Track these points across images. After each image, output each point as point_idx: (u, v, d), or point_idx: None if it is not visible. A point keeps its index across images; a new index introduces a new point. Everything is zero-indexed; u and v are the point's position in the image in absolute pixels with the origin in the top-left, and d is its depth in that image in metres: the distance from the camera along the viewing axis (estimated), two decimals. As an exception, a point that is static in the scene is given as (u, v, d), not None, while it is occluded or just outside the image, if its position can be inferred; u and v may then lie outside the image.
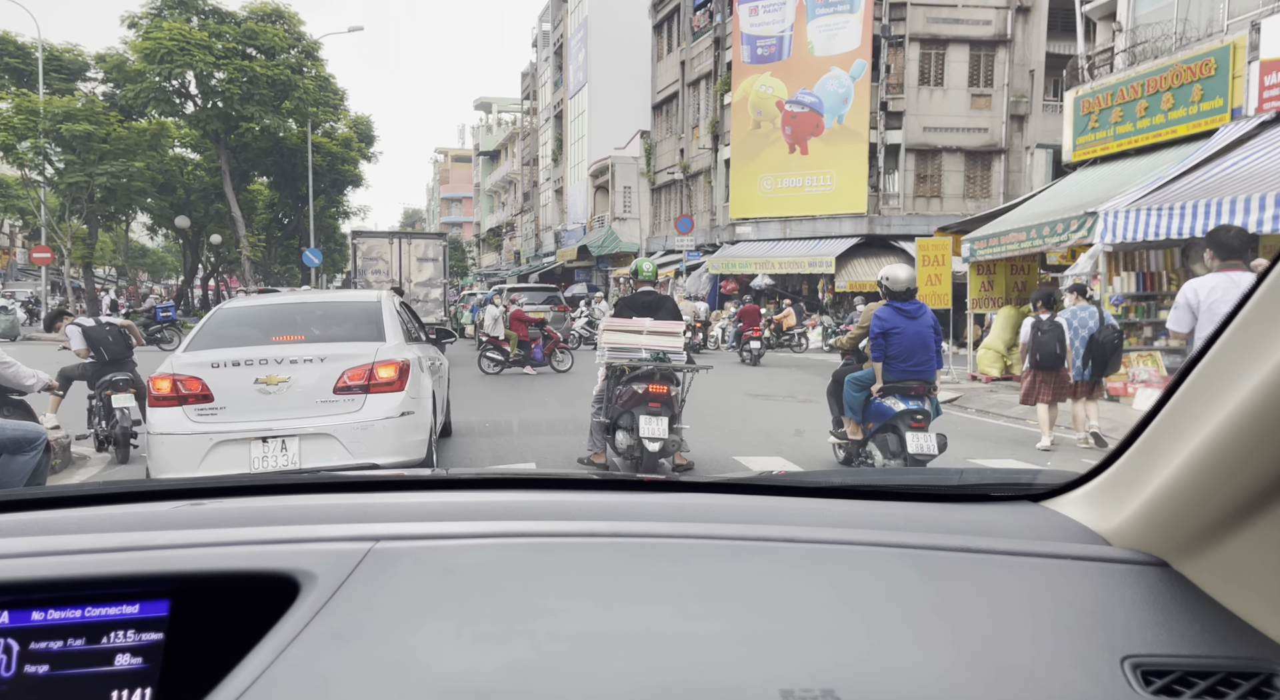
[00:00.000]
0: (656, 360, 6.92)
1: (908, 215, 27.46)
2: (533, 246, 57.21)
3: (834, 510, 1.27)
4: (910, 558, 1.08)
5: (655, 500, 1.31)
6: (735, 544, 1.10)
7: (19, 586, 0.99)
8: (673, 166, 34.41)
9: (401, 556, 1.05)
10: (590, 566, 1.05)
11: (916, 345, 6.35)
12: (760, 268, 27.73)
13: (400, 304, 8.47)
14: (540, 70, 57.60)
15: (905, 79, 27.01)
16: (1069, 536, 1.15)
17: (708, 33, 31.79)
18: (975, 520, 1.23)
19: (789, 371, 18.36)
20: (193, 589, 1.02)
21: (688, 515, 1.22)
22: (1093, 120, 13.23)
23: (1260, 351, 0.88)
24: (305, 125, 31.12)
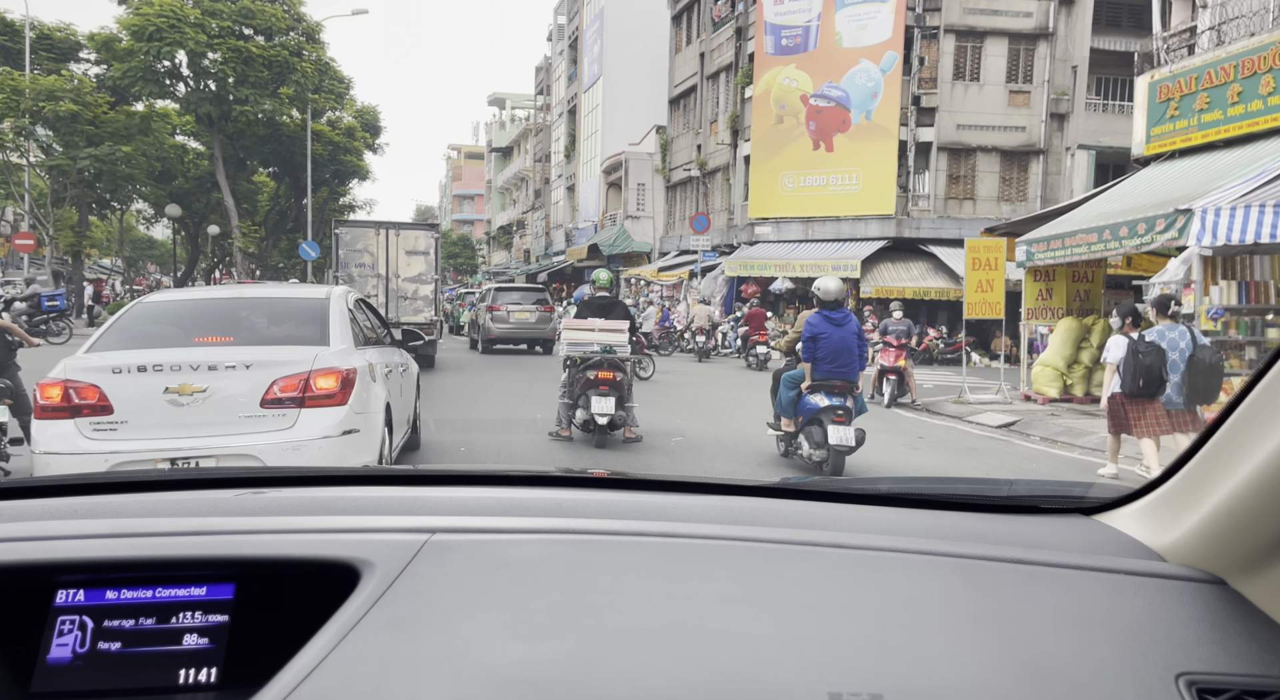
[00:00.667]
0: (605, 352, 8.50)
1: (938, 218, 25.85)
2: (543, 245, 55.82)
3: (880, 518, 1.28)
4: (959, 567, 1.07)
5: (701, 502, 1.33)
6: (781, 548, 1.11)
7: (96, 566, 1.04)
8: (689, 163, 32.88)
9: (456, 549, 1.08)
10: (638, 565, 1.06)
11: (841, 349, 7.13)
12: (780, 270, 26.17)
13: (358, 301, 7.11)
14: (555, 64, 56.22)
15: (939, 73, 25.40)
16: (1122, 551, 1.13)
17: (729, 23, 30.26)
18: (1025, 532, 1.22)
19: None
20: (257, 574, 1.06)
21: (733, 518, 1.24)
22: (1172, 108, 11.65)
23: None
24: (305, 111, 29.73)
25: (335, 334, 5.97)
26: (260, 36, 25.73)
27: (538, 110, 61.78)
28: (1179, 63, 11.80)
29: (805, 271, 25.79)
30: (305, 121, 29.66)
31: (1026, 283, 12.55)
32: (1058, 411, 11.37)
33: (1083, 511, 1.29)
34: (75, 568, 1.04)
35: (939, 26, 25.23)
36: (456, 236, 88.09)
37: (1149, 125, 12.36)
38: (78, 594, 1.03)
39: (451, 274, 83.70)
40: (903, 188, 25.93)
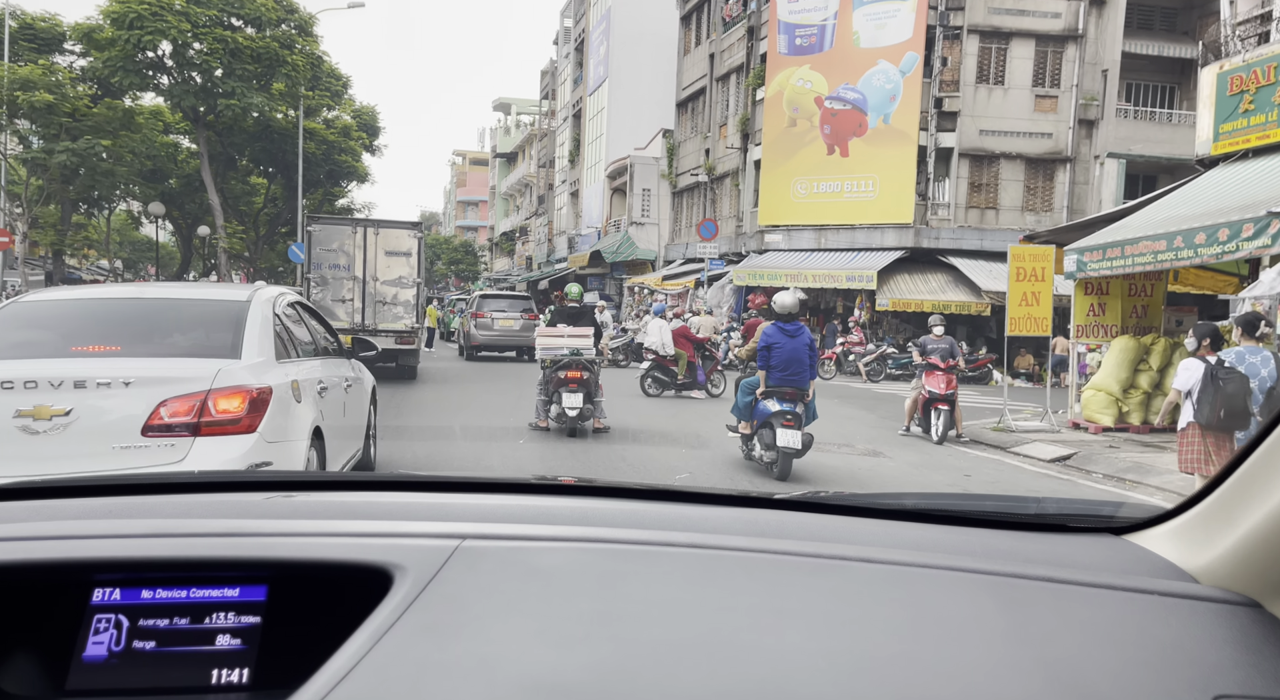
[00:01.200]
0: (573, 355, 9.71)
1: (959, 228, 24.52)
2: (545, 251, 54.59)
3: (907, 533, 1.27)
4: (989, 584, 1.07)
5: (729, 514, 1.35)
6: (810, 561, 1.12)
7: (132, 565, 1.06)
8: (697, 168, 31.61)
9: (488, 555, 1.08)
10: (668, 575, 1.07)
11: (792, 359, 7.69)
12: (791, 280, 24.81)
13: (295, 305, 5.83)
14: (560, 68, 55.10)
15: (961, 76, 24.12)
16: (1155, 572, 1.12)
17: (741, 22, 29.04)
18: (1055, 551, 1.21)
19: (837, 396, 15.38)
20: (290, 576, 1.07)
21: (760, 530, 1.25)
22: (1246, 102, 10.33)
23: None
24: (297, 107, 28.49)
25: (251, 344, 4.88)
26: (250, 27, 24.51)
27: (543, 115, 60.67)
28: (1252, 51, 10.48)
29: (818, 282, 24.47)
30: (298, 118, 28.43)
31: (1076, 297, 11.19)
32: (1115, 442, 10.01)
33: (1113, 531, 1.27)
34: (112, 566, 1.06)
35: (962, 26, 23.97)
36: (459, 242, 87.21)
37: (1217, 122, 11.04)
38: (114, 593, 1.05)
39: (454, 281, 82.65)
40: (921, 196, 24.62)
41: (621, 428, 10.49)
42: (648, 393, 14.55)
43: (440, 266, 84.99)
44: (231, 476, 1.51)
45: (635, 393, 14.79)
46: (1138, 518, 1.26)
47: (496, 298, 22.80)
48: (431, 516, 1.21)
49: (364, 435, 7.09)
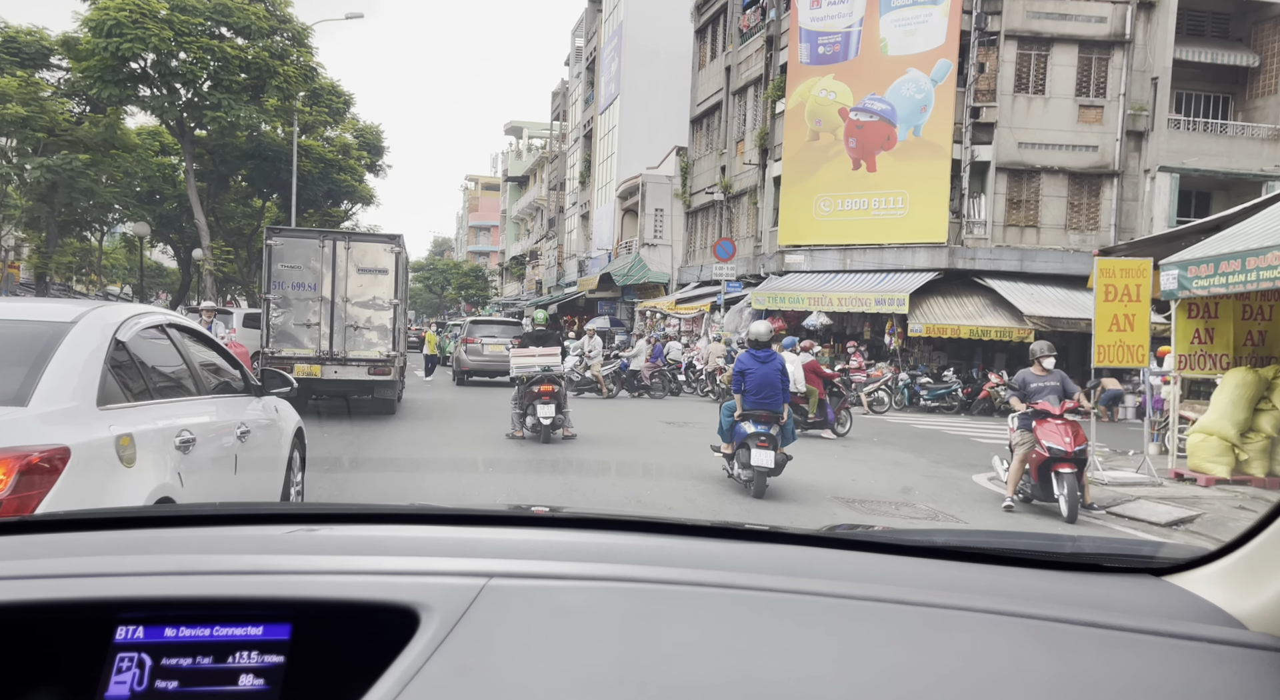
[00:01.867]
0: (544, 371, 11.32)
1: (996, 247, 22.67)
2: (554, 275, 53.04)
3: (940, 573, 1.25)
4: (1030, 628, 1.06)
5: (759, 551, 1.33)
6: (843, 602, 1.11)
7: (157, 604, 1.05)
8: (712, 186, 29.96)
9: (515, 594, 1.08)
10: (698, 616, 1.06)
11: (765, 384, 8.33)
12: (815, 304, 23.01)
13: (161, 327, 4.11)
14: (571, 88, 53.91)
15: (998, 84, 22.39)
16: (1200, 617, 1.09)
17: (759, 32, 27.49)
18: (1095, 593, 1.18)
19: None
20: (314, 614, 1.05)
21: (791, 569, 1.22)
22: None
23: None
24: (292, 123, 27.04)
25: (53, 386, 3.39)
26: (239, 37, 23.11)
27: (554, 138, 59.46)
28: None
29: (844, 305, 22.63)
30: (293, 133, 26.98)
31: (1178, 320, 9.30)
32: (1239, 498, 8.08)
33: (1153, 572, 1.23)
34: (136, 605, 1.05)
35: (999, 32, 22.28)
36: (469, 267, 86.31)
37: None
38: (137, 631, 1.04)
39: (466, 306, 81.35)
40: (955, 213, 22.81)
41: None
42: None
43: (450, 291, 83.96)
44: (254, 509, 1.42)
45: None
46: (1179, 558, 1.21)
47: (487, 323, 22.49)
48: (457, 553, 1.20)
49: (279, 492, 5.39)
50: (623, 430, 13.57)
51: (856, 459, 11.37)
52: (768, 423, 8.23)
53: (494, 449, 10.53)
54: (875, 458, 11.57)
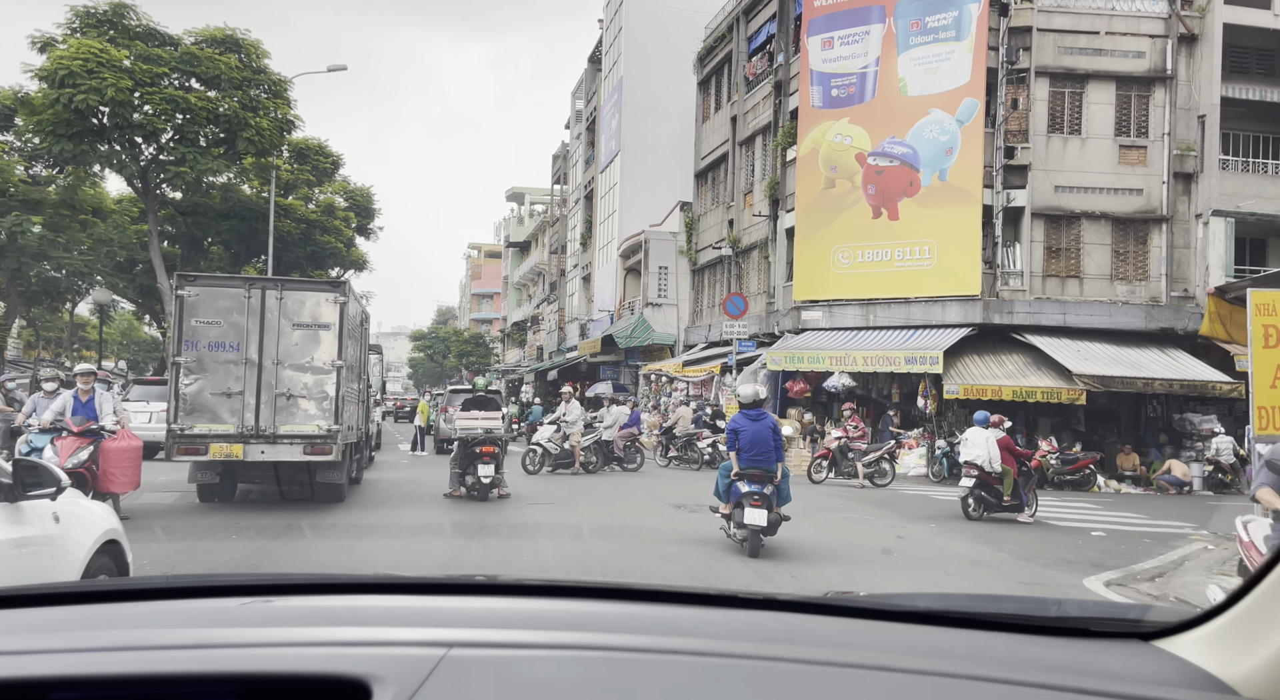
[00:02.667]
0: (486, 433, 11.95)
1: (1035, 300, 20.55)
2: (556, 340, 51.09)
3: (924, 638, 1.23)
4: (1018, 695, 1.03)
5: (734, 617, 1.30)
6: (824, 670, 1.07)
7: (91, 682, 1.01)
8: (720, 241, 28.09)
9: (477, 665, 1.04)
10: (672, 688, 1.02)
11: (757, 441, 8.56)
12: (837, 364, 20.81)
13: None
14: (572, 150, 52.86)
15: (1031, 124, 20.60)
16: (1191, 683, 1.06)
17: (767, 78, 25.95)
18: (1083, 659, 1.15)
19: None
20: (262, 689, 1.02)
21: (768, 635, 1.19)
22: None
23: None
24: (269, 179, 25.35)
25: None
26: (209, 88, 21.52)
27: (554, 202, 58.27)
28: None
29: (869, 365, 20.41)
30: (270, 192, 25.26)
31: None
32: None
33: (1140, 636, 1.21)
34: (70, 684, 1.00)
35: (1029, 68, 20.58)
36: (470, 335, 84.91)
37: None
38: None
39: (468, 374, 79.41)
40: (989, 263, 20.78)
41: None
42: (970, 515, 12.10)
43: (451, 360, 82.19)
44: (208, 581, 1.37)
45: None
46: (1166, 622, 1.20)
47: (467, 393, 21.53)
48: (415, 622, 1.16)
49: None
50: (613, 514, 11.26)
51: (924, 556, 8.98)
52: (761, 482, 8.39)
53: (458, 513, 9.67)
54: (940, 552, 9.19)
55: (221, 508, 10.24)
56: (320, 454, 9.55)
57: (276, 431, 9.50)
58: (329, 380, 9.68)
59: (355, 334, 11.05)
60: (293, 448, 9.50)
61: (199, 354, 9.48)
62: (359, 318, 11.67)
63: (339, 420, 9.68)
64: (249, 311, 9.52)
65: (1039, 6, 20.53)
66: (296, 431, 9.54)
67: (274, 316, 9.57)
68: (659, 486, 15.35)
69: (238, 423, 9.43)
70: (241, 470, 10.11)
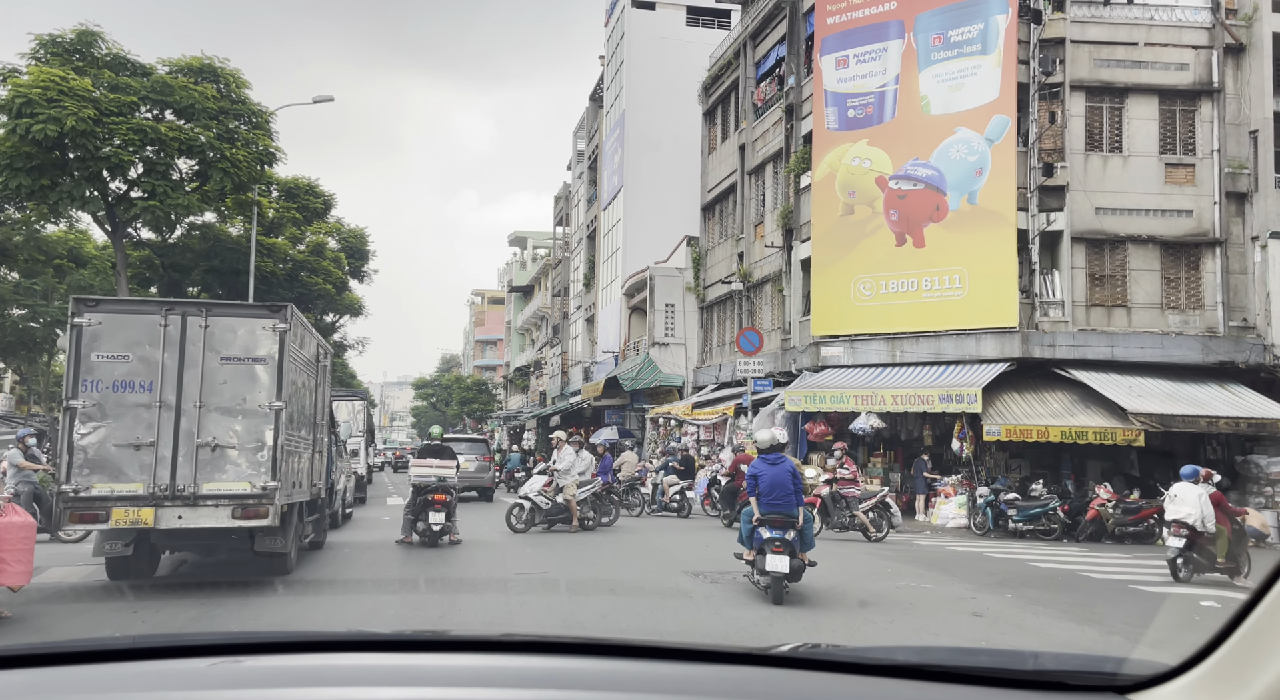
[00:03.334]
0: (439, 481, 12.28)
1: (1079, 332, 18.75)
2: (559, 384, 49.27)
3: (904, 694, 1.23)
4: None
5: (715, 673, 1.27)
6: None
7: None
8: (730, 276, 26.43)
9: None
10: None
11: (776, 485, 8.57)
12: (863, 403, 18.95)
13: None
14: (574, 190, 51.69)
15: (1067, 142, 19.01)
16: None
17: (777, 102, 24.53)
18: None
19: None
20: None
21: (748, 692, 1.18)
22: None
23: None
24: (250, 217, 23.82)
25: None
26: (182, 119, 20.08)
27: (557, 244, 56.97)
28: None
29: (899, 404, 18.55)
30: (251, 229, 23.72)
31: None
32: None
33: (1116, 690, 1.21)
34: None
35: (1063, 82, 19.05)
36: (472, 381, 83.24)
37: None
38: None
39: (471, 423, 77.46)
40: (1025, 292, 19.02)
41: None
42: (1179, 578, 10.80)
43: (453, 408, 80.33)
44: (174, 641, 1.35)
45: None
46: (1142, 675, 1.19)
47: (455, 441, 21.77)
48: (393, 681, 1.14)
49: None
50: (617, 593, 9.36)
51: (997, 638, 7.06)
52: (782, 527, 8.34)
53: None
54: (1007, 623, 7.26)
55: (137, 587, 8.35)
56: (253, 518, 7.68)
57: (198, 491, 7.65)
58: (265, 426, 7.84)
59: (308, 371, 9.24)
60: (218, 511, 7.65)
61: (101, 396, 7.63)
62: (314, 352, 9.82)
63: (277, 475, 7.82)
64: (166, 343, 7.71)
65: (1072, 17, 19.08)
66: (223, 490, 7.68)
67: (197, 349, 7.78)
68: (658, 543, 13.44)
69: (148, 481, 7.57)
70: (160, 538, 8.26)
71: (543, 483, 14.39)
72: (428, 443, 13.54)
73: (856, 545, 14.08)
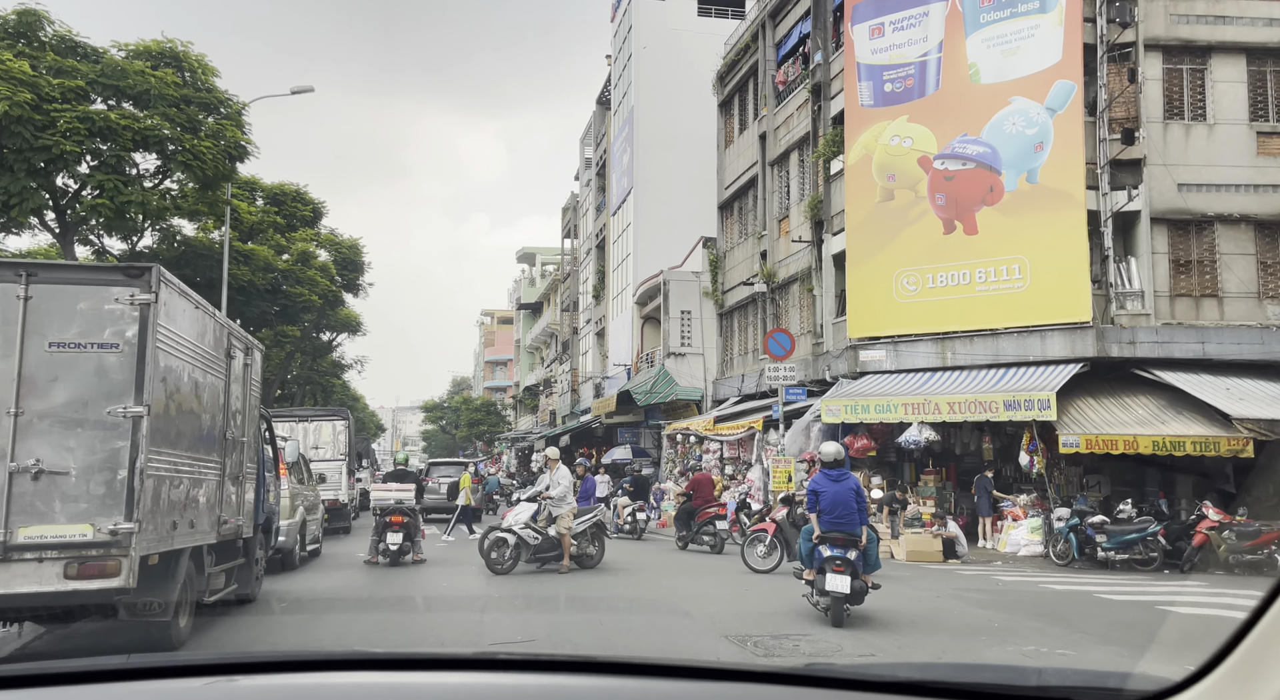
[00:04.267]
0: (398, 504, 13.00)
1: (1163, 326, 16.19)
2: (568, 403, 46.83)
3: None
4: None
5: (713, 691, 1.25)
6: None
7: None
8: (752, 277, 23.99)
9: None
10: None
11: (838, 502, 8.26)
12: (914, 412, 16.40)
13: None
14: (582, 199, 49.53)
15: (1143, 110, 16.55)
16: None
17: (802, 83, 22.20)
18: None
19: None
20: None
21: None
22: None
23: None
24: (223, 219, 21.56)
25: None
26: (136, 106, 17.89)
27: (565, 257, 54.76)
28: None
29: (956, 413, 16.01)
30: (225, 232, 21.45)
31: None
32: None
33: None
34: None
35: (1135, 42, 16.60)
36: (480, 403, 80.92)
37: None
38: None
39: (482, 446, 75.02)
40: (1097, 281, 16.49)
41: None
42: None
43: (462, 430, 77.98)
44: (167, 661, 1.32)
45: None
46: (1146, 691, 1.17)
47: (441, 465, 22.37)
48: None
49: None
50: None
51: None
52: (844, 546, 8.05)
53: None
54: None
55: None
56: (95, 576, 5.20)
57: (10, 540, 5.24)
58: (118, 442, 5.43)
59: (205, 365, 6.72)
60: (43, 569, 5.22)
61: None
62: (216, 340, 7.22)
63: (136, 513, 5.38)
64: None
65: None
66: (50, 538, 5.26)
67: (13, 330, 5.39)
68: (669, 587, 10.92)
69: None
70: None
71: (530, 513, 11.78)
72: (394, 468, 14.98)
73: (929, 573, 11.52)
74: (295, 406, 26.48)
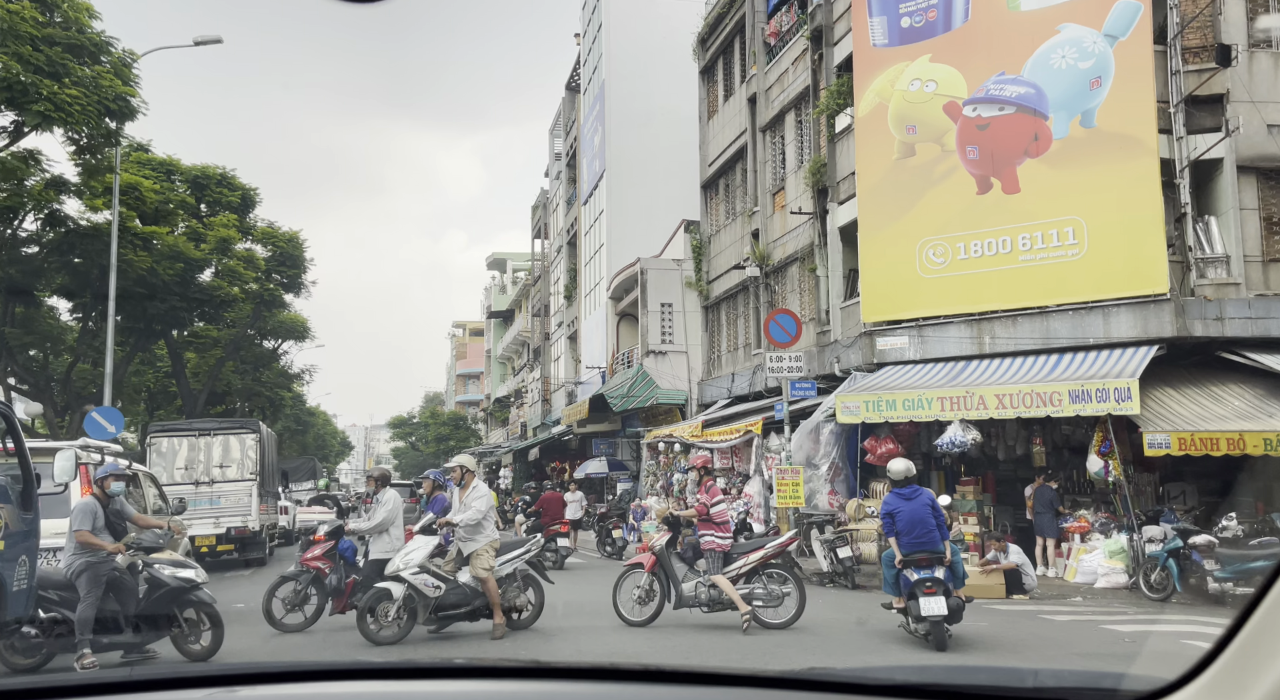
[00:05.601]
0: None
1: (1256, 298, 13.15)
2: (539, 413, 43.43)
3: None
4: None
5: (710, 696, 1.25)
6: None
7: None
8: (743, 260, 20.78)
9: None
10: None
11: (916, 520, 7.86)
12: (953, 408, 13.20)
13: None
14: (552, 194, 46.32)
15: (1224, 34, 13.55)
16: None
17: (798, 33, 19.11)
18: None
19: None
20: None
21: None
22: None
23: None
24: (113, 195, 17.95)
25: None
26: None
27: (535, 259, 51.47)
28: None
29: (1006, 408, 12.86)
30: (115, 204, 17.85)
31: None
32: None
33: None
34: None
35: (1210, -47, 13.62)
36: (449, 417, 77.55)
37: None
38: None
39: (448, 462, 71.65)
40: (1172, 246, 13.45)
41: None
42: None
43: (429, 446, 74.49)
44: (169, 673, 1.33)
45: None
46: (1141, 690, 1.17)
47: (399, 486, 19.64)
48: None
49: None
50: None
51: None
52: (929, 566, 7.69)
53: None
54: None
55: None
56: None
57: None
58: None
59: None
60: None
61: None
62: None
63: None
64: None
65: None
66: None
67: None
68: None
69: None
70: None
71: (430, 548, 8.15)
72: (317, 494, 15.52)
73: (996, 614, 8.29)
74: (195, 418, 22.79)
